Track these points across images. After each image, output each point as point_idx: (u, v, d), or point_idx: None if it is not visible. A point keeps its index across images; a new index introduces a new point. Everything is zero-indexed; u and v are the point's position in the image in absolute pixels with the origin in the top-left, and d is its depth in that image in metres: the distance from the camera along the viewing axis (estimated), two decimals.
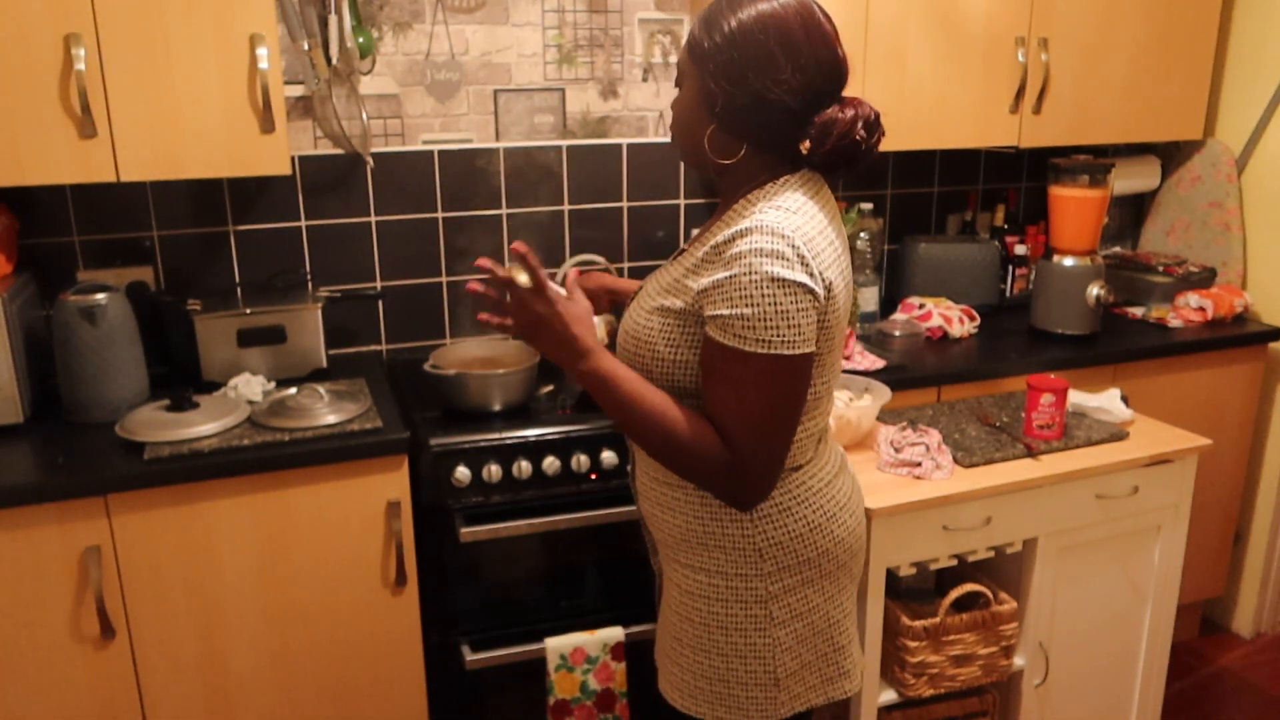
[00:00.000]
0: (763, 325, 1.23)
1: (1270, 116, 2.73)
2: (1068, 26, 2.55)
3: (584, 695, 2.09)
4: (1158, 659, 2.19)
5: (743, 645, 1.41)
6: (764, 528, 1.38)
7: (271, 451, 1.83)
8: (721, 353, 1.26)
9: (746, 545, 1.38)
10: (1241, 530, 2.91)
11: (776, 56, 1.27)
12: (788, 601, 1.40)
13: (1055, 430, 2.00)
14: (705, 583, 1.42)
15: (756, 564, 1.39)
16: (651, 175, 2.62)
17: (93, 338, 1.94)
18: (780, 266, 1.23)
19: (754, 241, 1.24)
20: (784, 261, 1.23)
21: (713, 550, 1.40)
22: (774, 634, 1.41)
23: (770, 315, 1.23)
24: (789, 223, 1.26)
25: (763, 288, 1.23)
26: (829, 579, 1.43)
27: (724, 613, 1.41)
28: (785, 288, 1.23)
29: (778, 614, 1.40)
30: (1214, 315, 2.65)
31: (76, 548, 1.75)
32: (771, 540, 1.38)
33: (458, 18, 2.38)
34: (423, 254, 2.47)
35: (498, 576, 2.06)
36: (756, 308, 1.23)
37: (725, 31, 1.28)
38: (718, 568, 1.40)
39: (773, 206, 1.29)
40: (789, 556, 1.39)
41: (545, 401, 2.17)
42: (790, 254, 1.23)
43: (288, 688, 1.96)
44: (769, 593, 1.39)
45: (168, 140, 1.90)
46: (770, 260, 1.23)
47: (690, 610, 1.44)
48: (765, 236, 1.24)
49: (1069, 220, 2.53)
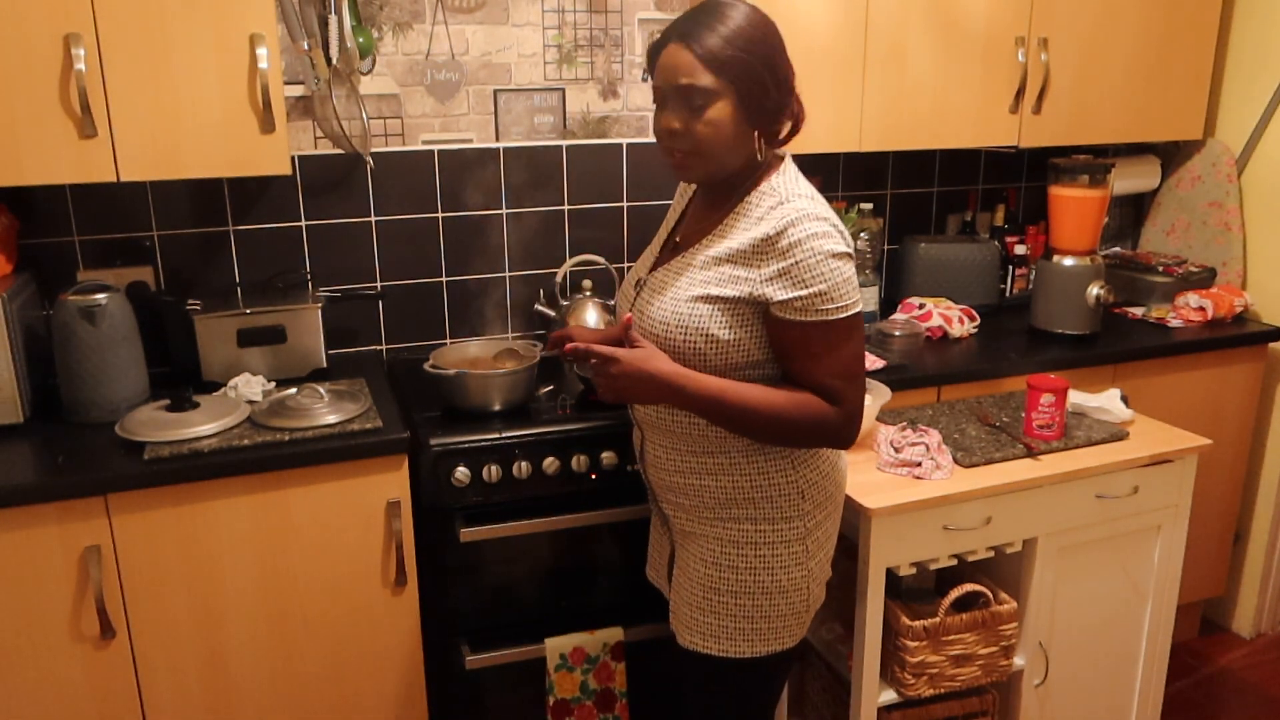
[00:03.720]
0: (838, 294, 1.44)
1: (1270, 116, 2.73)
2: (1068, 26, 2.55)
3: (584, 695, 2.09)
4: (1158, 659, 2.18)
5: (785, 581, 1.59)
6: (804, 472, 1.57)
7: (271, 451, 1.83)
8: (808, 330, 1.45)
9: (791, 490, 1.57)
10: (1241, 530, 2.91)
11: (784, 59, 1.48)
12: (818, 535, 1.61)
13: (1055, 430, 2.00)
14: (751, 530, 1.58)
15: (798, 505, 1.58)
16: (651, 175, 2.62)
17: (93, 338, 1.94)
18: (832, 243, 1.44)
19: (806, 229, 1.43)
20: (833, 238, 1.44)
21: (759, 502, 1.57)
22: (808, 565, 1.61)
23: (840, 285, 1.44)
24: (817, 208, 1.47)
25: (828, 263, 1.43)
26: (838, 508, 1.67)
27: (769, 554, 1.58)
28: (841, 259, 1.45)
29: (812, 547, 1.61)
30: (1214, 315, 2.65)
31: (76, 548, 1.75)
32: (810, 481, 1.58)
33: (458, 18, 2.38)
34: (423, 254, 2.47)
35: (498, 576, 2.06)
36: (828, 282, 1.43)
37: (744, 41, 1.43)
38: (764, 516, 1.57)
39: (799, 195, 1.48)
40: (821, 493, 1.60)
41: (545, 401, 2.17)
42: (834, 231, 1.45)
43: (287, 688, 1.96)
44: (806, 529, 1.59)
45: (168, 140, 1.89)
46: (824, 240, 1.43)
47: (735, 558, 1.59)
48: (813, 222, 1.44)
49: (1069, 220, 2.53)
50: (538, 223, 2.55)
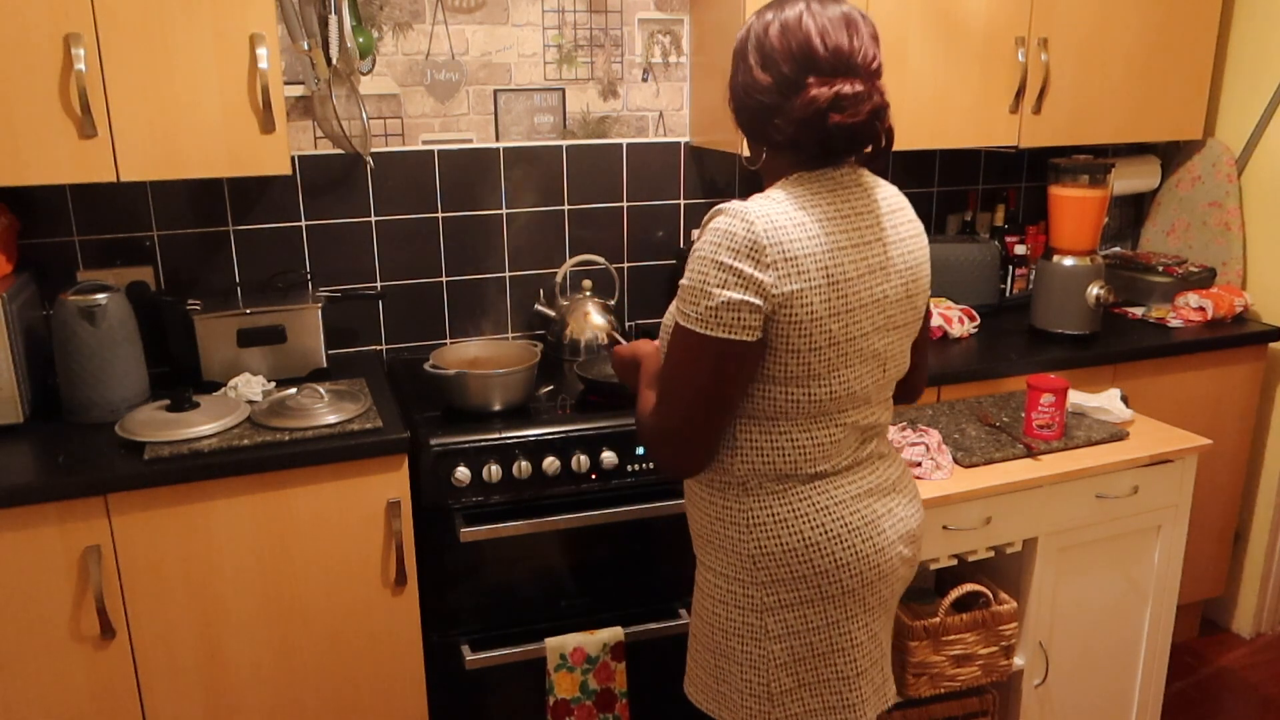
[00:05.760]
0: (691, 298, 1.26)
1: (1270, 116, 2.73)
2: (1068, 26, 2.55)
3: (584, 695, 2.09)
4: (1158, 659, 2.19)
5: (739, 651, 1.40)
6: (758, 535, 1.36)
7: (271, 451, 1.83)
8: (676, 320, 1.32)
9: (742, 550, 1.38)
10: (1241, 530, 2.91)
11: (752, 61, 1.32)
12: (783, 616, 1.37)
13: (1055, 430, 2.00)
14: (712, 582, 1.43)
15: (751, 571, 1.38)
16: (651, 175, 2.62)
17: (93, 338, 1.94)
18: (724, 249, 1.24)
19: (717, 221, 1.27)
20: (730, 245, 1.24)
21: (717, 550, 1.42)
22: (768, 647, 1.38)
23: (699, 292, 1.25)
24: (760, 209, 1.26)
25: (704, 265, 1.25)
26: (831, 602, 1.38)
27: (724, 615, 1.41)
28: (723, 270, 1.24)
29: (772, 627, 1.38)
30: (1214, 315, 2.65)
31: (76, 548, 1.75)
32: (764, 549, 1.36)
33: (458, 18, 2.38)
34: (423, 254, 2.47)
35: (498, 576, 2.06)
36: (692, 281, 1.27)
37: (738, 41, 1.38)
38: (721, 568, 1.41)
39: (761, 195, 1.31)
40: (782, 570, 1.36)
41: (545, 401, 2.17)
42: (741, 235, 1.23)
43: (288, 688, 1.96)
44: (764, 604, 1.38)
45: (168, 140, 1.90)
46: (720, 239, 1.25)
47: (700, 607, 1.46)
48: (729, 218, 1.26)
49: (1069, 220, 2.53)
50: (538, 223, 2.55)
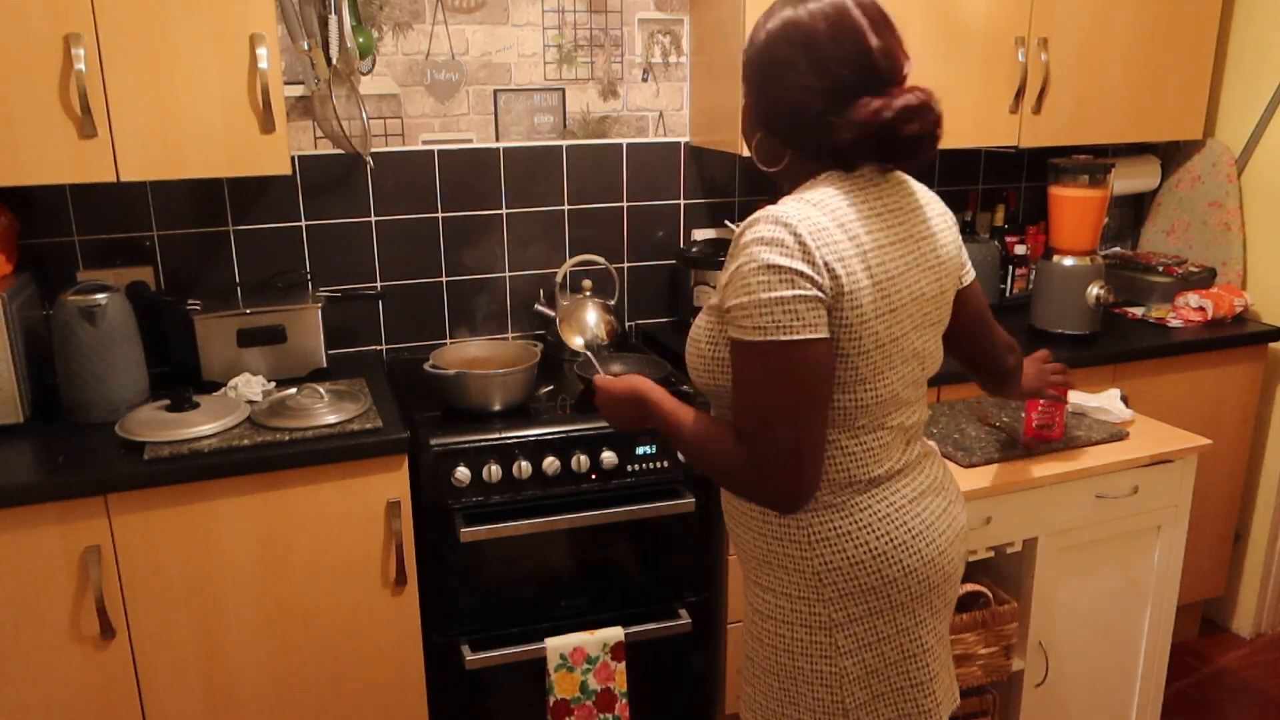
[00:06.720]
0: (758, 312, 1.20)
1: (1270, 116, 2.73)
2: (1068, 26, 2.55)
3: (584, 695, 2.09)
4: (1158, 659, 2.18)
5: (809, 671, 1.36)
6: (821, 551, 1.32)
7: (271, 451, 1.83)
8: (733, 346, 1.25)
9: (805, 568, 1.33)
10: (1241, 530, 2.91)
11: (798, 61, 1.25)
12: (854, 630, 1.34)
13: (1055, 430, 2.00)
14: (772, 603, 1.38)
15: (817, 588, 1.33)
16: (651, 175, 2.62)
17: (93, 338, 1.94)
18: (775, 253, 1.20)
19: (757, 230, 1.22)
20: (780, 248, 1.20)
21: (777, 570, 1.36)
22: (840, 663, 1.34)
23: (765, 302, 1.20)
24: (798, 213, 1.23)
25: (759, 275, 1.20)
26: (901, 610, 1.35)
27: (790, 636, 1.36)
28: (779, 274, 1.20)
29: (843, 643, 1.34)
30: (1214, 315, 2.65)
31: (76, 548, 1.75)
32: (829, 565, 1.32)
33: (458, 18, 2.38)
34: (423, 254, 2.47)
35: (498, 576, 2.06)
36: (752, 295, 1.21)
37: (757, 41, 1.29)
38: (782, 589, 1.36)
39: (794, 197, 1.27)
40: (850, 584, 1.32)
41: (545, 401, 2.17)
42: (790, 241, 1.20)
43: (288, 687, 1.96)
44: (833, 620, 1.34)
45: (168, 140, 1.90)
46: (767, 247, 1.20)
47: (760, 630, 1.41)
48: (767, 225, 1.22)
49: (1069, 220, 2.53)
50: (538, 223, 2.55)
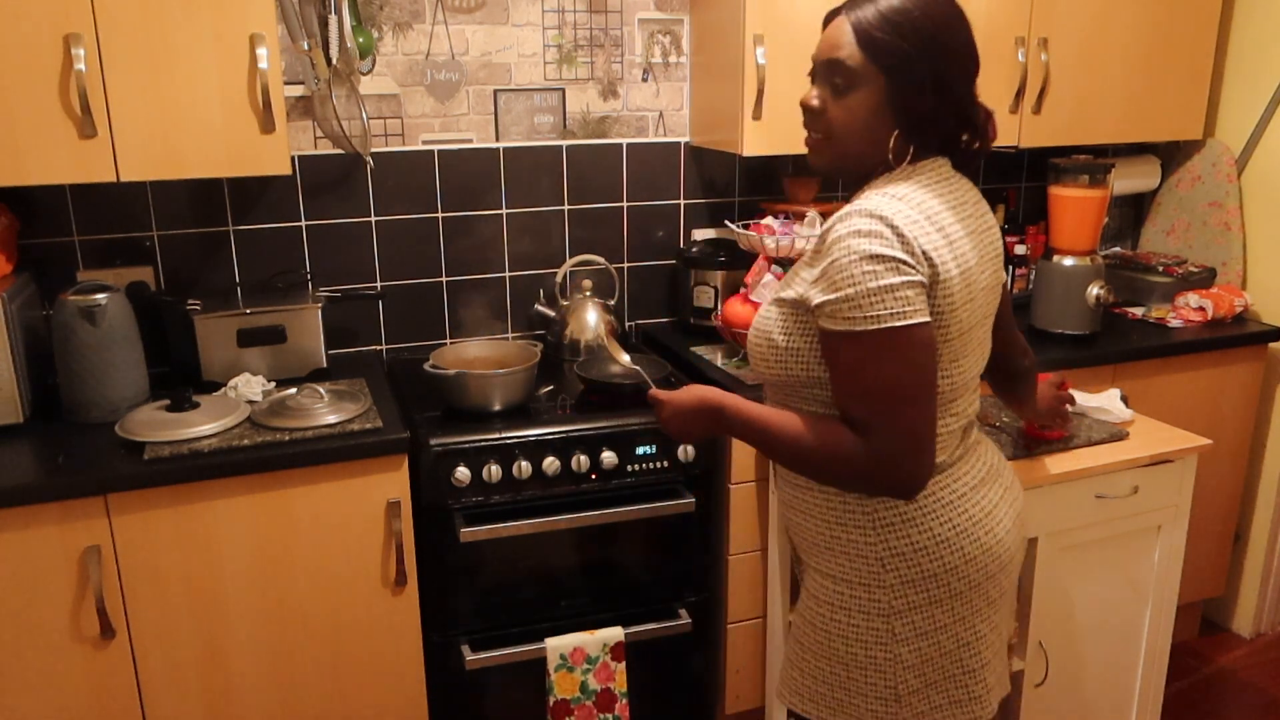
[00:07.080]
0: (868, 302, 1.23)
1: (1270, 116, 2.73)
2: (1068, 26, 2.55)
3: (584, 695, 2.09)
4: (1158, 659, 2.18)
5: (864, 657, 1.38)
6: (885, 536, 1.34)
7: (271, 451, 1.83)
8: (836, 340, 1.26)
9: (869, 553, 1.36)
10: (1241, 530, 2.91)
11: (960, 31, 1.30)
12: (912, 619, 1.36)
13: (1056, 430, 2.00)
14: (831, 589, 1.40)
15: (879, 574, 1.36)
16: (651, 175, 2.61)
17: (93, 338, 1.94)
18: (877, 244, 1.23)
19: (851, 224, 1.25)
20: (880, 239, 1.23)
21: (838, 556, 1.39)
22: (896, 650, 1.37)
23: (874, 291, 1.22)
24: (888, 206, 1.26)
25: (862, 265, 1.23)
26: (959, 598, 1.37)
27: (846, 622, 1.39)
28: (884, 263, 1.22)
29: (900, 630, 1.36)
30: (1214, 315, 2.65)
31: (76, 548, 1.75)
32: (893, 550, 1.34)
33: (458, 18, 2.38)
34: (423, 254, 2.47)
35: (498, 576, 2.06)
36: (859, 286, 1.23)
37: (909, 28, 1.26)
38: (843, 574, 1.39)
39: (878, 193, 1.30)
40: (912, 570, 1.35)
41: (545, 401, 2.17)
42: (887, 232, 1.23)
43: (288, 687, 1.96)
44: (892, 607, 1.36)
45: (168, 140, 1.89)
46: (866, 239, 1.23)
47: (815, 615, 1.43)
48: (862, 219, 1.25)
49: (1069, 220, 2.53)
50: (538, 223, 2.55)
